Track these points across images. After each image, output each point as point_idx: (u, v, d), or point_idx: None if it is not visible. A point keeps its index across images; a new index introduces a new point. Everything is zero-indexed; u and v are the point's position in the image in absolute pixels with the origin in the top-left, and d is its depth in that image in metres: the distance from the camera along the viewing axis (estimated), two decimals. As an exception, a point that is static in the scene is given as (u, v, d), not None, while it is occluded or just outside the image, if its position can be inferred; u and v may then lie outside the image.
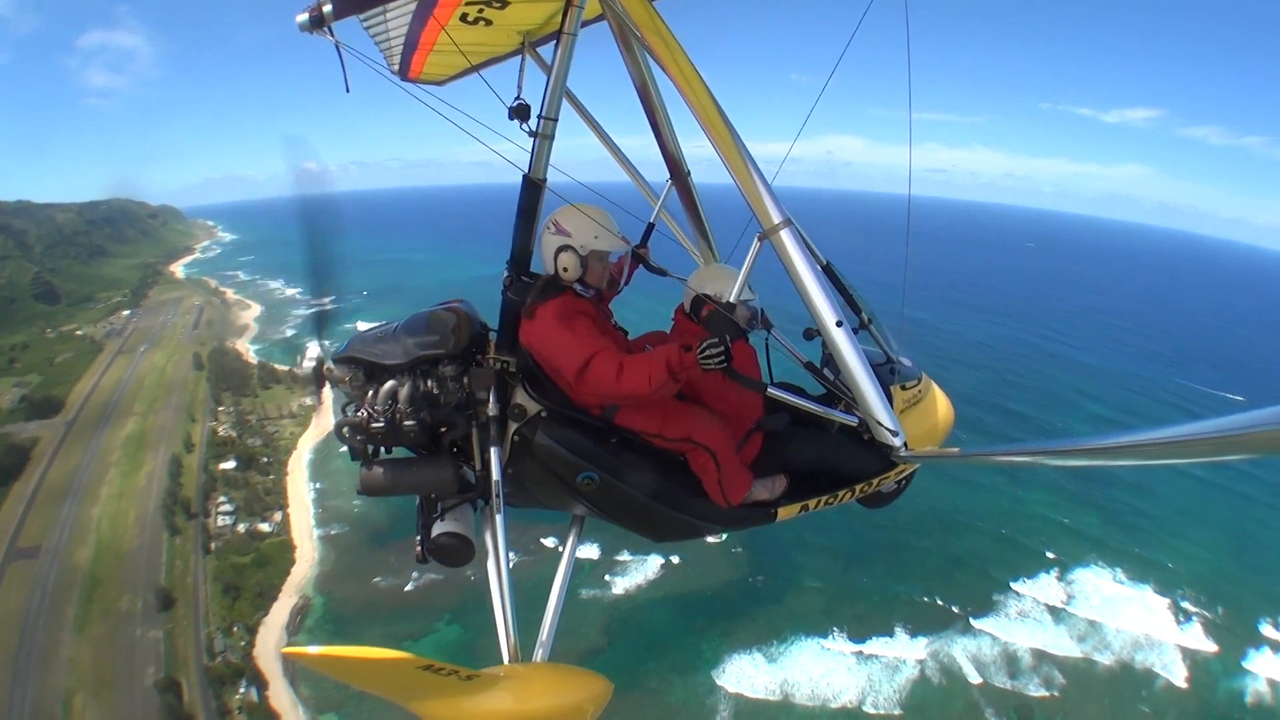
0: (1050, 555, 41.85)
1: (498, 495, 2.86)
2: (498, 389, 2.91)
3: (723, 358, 2.57)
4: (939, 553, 41.09)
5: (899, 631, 36.19)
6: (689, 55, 2.67)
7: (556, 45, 2.79)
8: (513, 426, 2.94)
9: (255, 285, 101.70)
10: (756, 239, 2.73)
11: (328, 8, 2.49)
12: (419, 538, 3.04)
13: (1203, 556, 42.99)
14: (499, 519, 2.89)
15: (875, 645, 35.35)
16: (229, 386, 58.66)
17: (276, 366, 62.99)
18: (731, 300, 2.92)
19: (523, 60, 3.60)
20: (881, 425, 2.84)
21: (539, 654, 2.81)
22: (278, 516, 43.65)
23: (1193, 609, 39.11)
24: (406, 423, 2.76)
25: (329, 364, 2.95)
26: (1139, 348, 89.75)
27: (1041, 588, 39.76)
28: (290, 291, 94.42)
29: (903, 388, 3.28)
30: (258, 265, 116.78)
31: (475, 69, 3.71)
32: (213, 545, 42.74)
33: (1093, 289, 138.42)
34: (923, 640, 35.83)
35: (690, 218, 4.19)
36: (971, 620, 36.96)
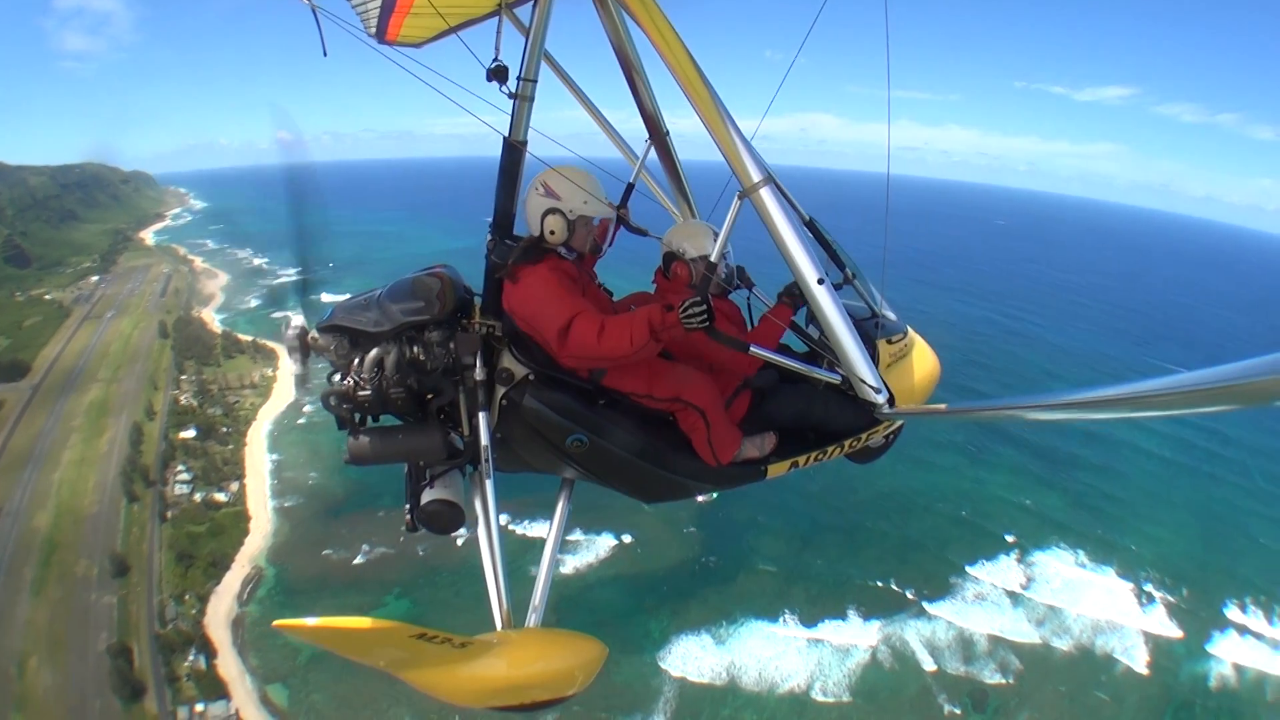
0: (1010, 539, 42.44)
1: (487, 460, 2.92)
2: (484, 353, 2.96)
3: (705, 317, 2.65)
4: (895, 535, 41.76)
5: (851, 615, 36.89)
6: (666, 14, 2.71)
7: (534, 6, 2.84)
8: (500, 391, 2.99)
9: (223, 254, 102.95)
10: (737, 197, 2.76)
11: None
12: (408, 505, 3.07)
13: (1167, 539, 43.60)
14: (488, 484, 2.95)
15: (827, 629, 36.08)
16: (193, 355, 59.63)
17: (240, 336, 64.01)
18: (712, 259, 2.94)
19: (500, 22, 3.56)
20: (865, 383, 2.93)
21: (531, 619, 2.88)
22: (234, 487, 44.85)
23: (1156, 592, 39.89)
24: (393, 390, 2.81)
25: (313, 333, 2.99)
26: (1108, 326, 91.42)
27: (1000, 571, 40.47)
28: (258, 261, 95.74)
29: (888, 342, 3.36)
30: (227, 234, 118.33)
31: (452, 30, 3.76)
32: (169, 514, 44.04)
33: (1062, 267, 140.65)
34: (875, 624, 36.54)
35: (670, 178, 4.27)
36: (926, 605, 37.66)
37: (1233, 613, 39.13)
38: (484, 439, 2.91)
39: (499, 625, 2.77)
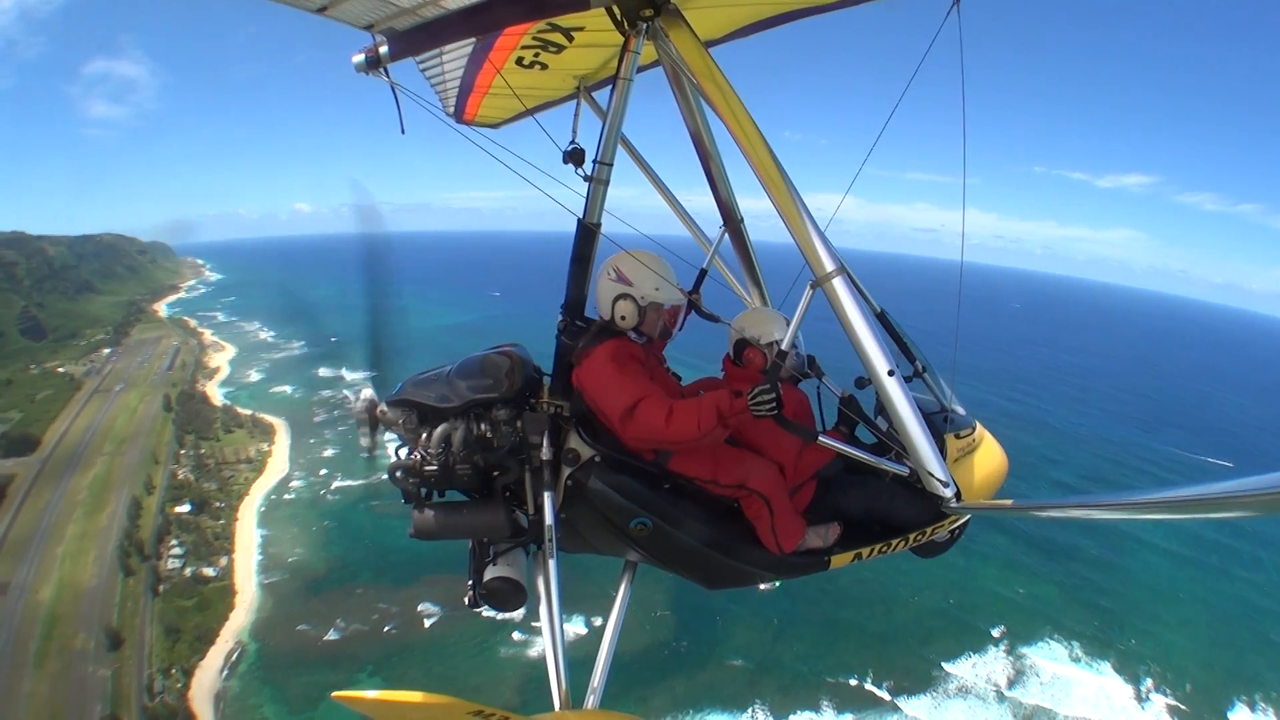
0: (997, 632, 45.23)
1: (551, 540, 3.31)
2: (551, 433, 3.36)
3: (774, 404, 2.97)
4: (876, 626, 44.95)
5: (825, 709, 40.08)
6: (744, 102, 3.06)
7: (612, 90, 3.27)
8: (566, 471, 3.40)
9: (233, 327, 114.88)
10: (809, 286, 3.07)
11: (384, 49, 3.05)
12: (470, 581, 3.54)
13: (1170, 636, 45.83)
14: (552, 564, 3.35)
15: None
16: (193, 429, 67.69)
17: (240, 410, 72.72)
18: (784, 347, 3.26)
19: (578, 105, 4.27)
20: (932, 475, 3.22)
21: (590, 701, 3.30)
22: (223, 561, 51.28)
23: (1156, 693, 41.86)
24: (460, 466, 3.24)
25: (382, 406, 3.46)
26: (1114, 411, 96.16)
27: (986, 666, 43.06)
28: (264, 335, 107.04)
29: (956, 436, 3.66)
30: (238, 306, 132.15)
31: (530, 112, 4.40)
32: (161, 588, 50.48)
33: (1073, 350, 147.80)
34: (848, 718, 39.90)
35: (743, 265, 4.80)
36: (904, 700, 40.30)
37: (1240, 714, 40.95)
38: (549, 519, 3.32)
39: (557, 705, 3.18)
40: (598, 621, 44.14)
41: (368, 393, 3.53)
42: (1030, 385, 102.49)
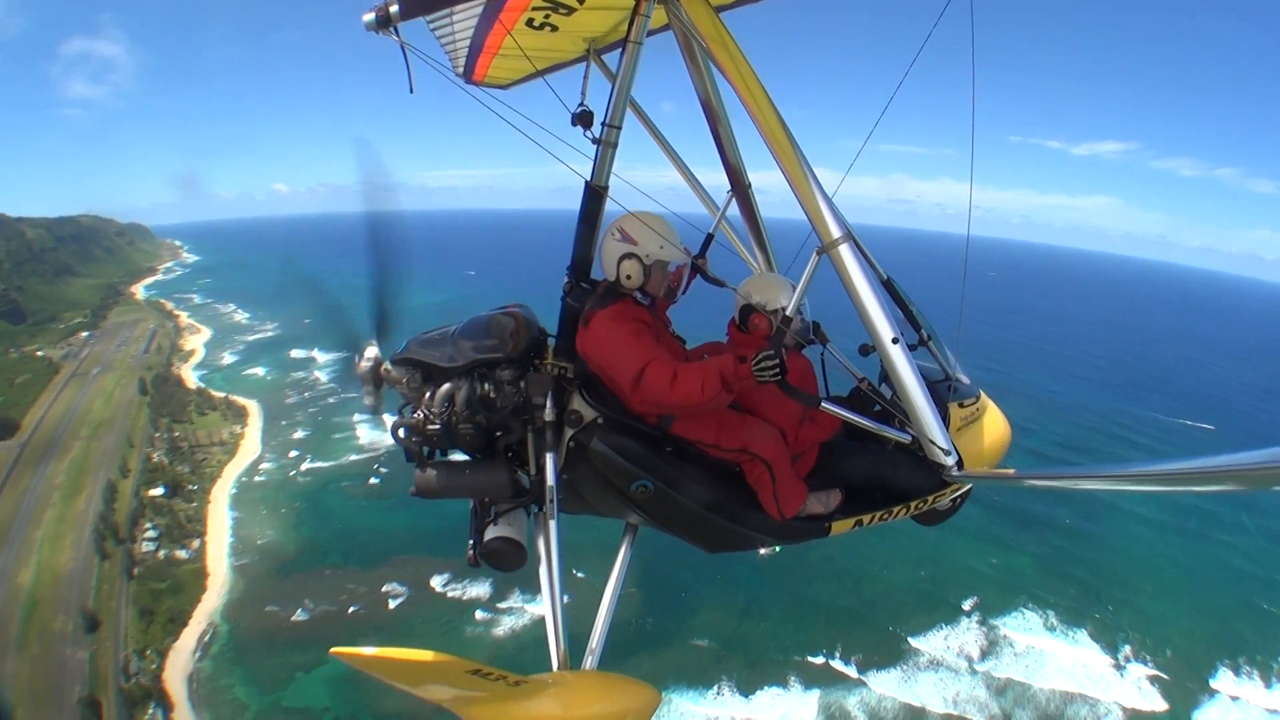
0: (969, 604, 46.38)
1: (552, 501, 3.41)
2: (555, 394, 3.47)
3: (777, 370, 3.09)
4: (845, 600, 46.11)
5: (793, 686, 41.18)
6: (753, 68, 3.16)
7: (622, 53, 3.38)
8: (569, 432, 3.50)
9: (208, 309, 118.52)
10: (816, 253, 3.16)
11: (394, 8, 3.05)
12: (471, 541, 3.62)
13: (1149, 604, 46.78)
14: (553, 525, 3.45)
15: (764, 699, 40.43)
16: (168, 412, 69.89)
17: (213, 393, 74.89)
18: (788, 313, 3.36)
19: (587, 67, 4.41)
20: (935, 444, 3.37)
21: (589, 661, 3.44)
22: (196, 544, 53.31)
23: (1136, 661, 42.96)
24: (462, 426, 3.36)
25: (386, 365, 3.53)
26: (1090, 378, 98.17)
27: (958, 639, 44.24)
28: (240, 317, 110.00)
29: (960, 405, 3.85)
30: (214, 288, 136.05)
31: (539, 74, 4.59)
32: (135, 571, 52.75)
33: (1048, 318, 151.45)
34: (815, 694, 40.77)
35: (750, 230, 4.95)
36: (873, 674, 41.75)
37: (1224, 680, 42.03)
38: (550, 479, 3.43)
39: (555, 665, 3.33)
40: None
41: (372, 351, 3.59)
42: (1003, 353, 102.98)
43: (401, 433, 3.45)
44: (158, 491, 58.54)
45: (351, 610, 45.80)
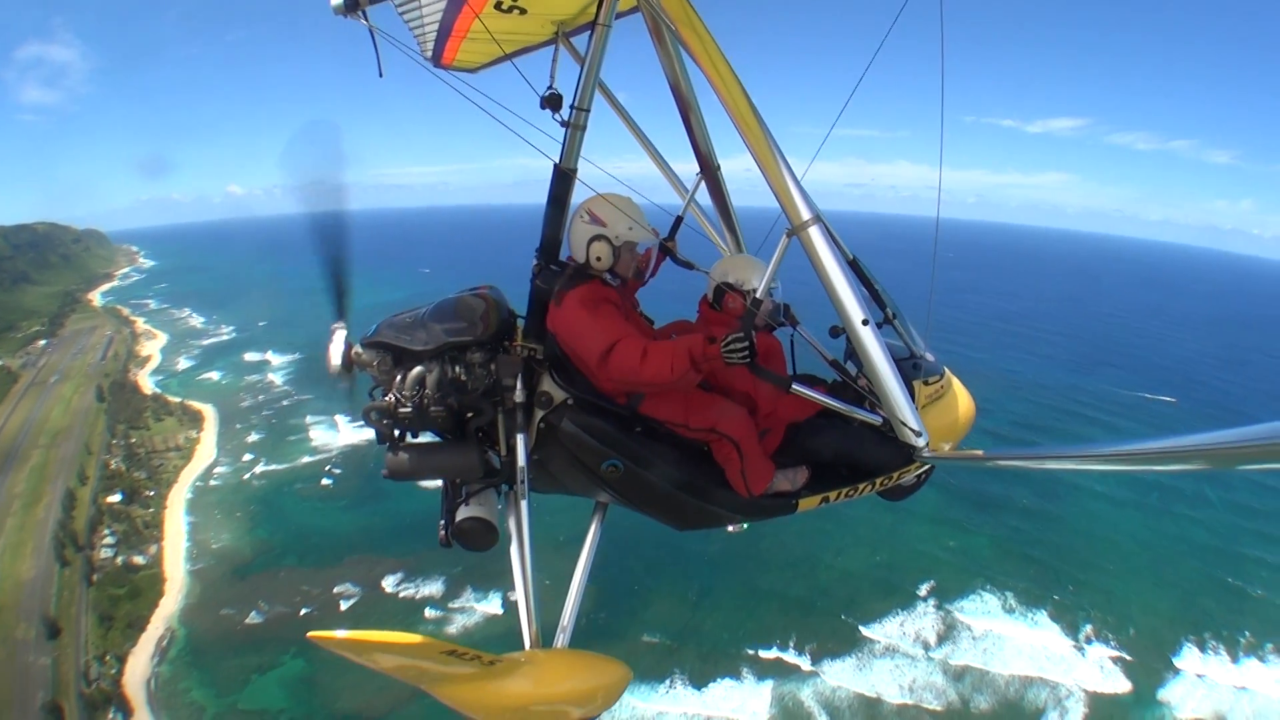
0: (925, 589, 50.06)
1: (522, 481, 3.87)
2: (525, 376, 3.94)
3: (746, 352, 3.50)
4: (798, 591, 49.83)
5: (746, 678, 44.68)
6: (722, 49, 3.48)
7: (590, 36, 3.76)
8: (539, 413, 4.00)
9: (164, 314, 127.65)
10: (785, 234, 3.54)
11: None
12: (443, 521, 4.09)
13: (1108, 583, 50.41)
14: (523, 504, 3.91)
15: (717, 692, 43.93)
16: (124, 419, 75.44)
17: (169, 398, 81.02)
18: (758, 294, 3.78)
19: (556, 50, 4.86)
20: (905, 425, 3.77)
21: (560, 639, 3.85)
22: (153, 549, 58.58)
23: (1098, 642, 46.41)
24: (433, 408, 3.79)
25: (357, 348, 3.95)
26: (1046, 355, 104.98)
27: (913, 625, 47.94)
28: (195, 321, 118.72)
29: (925, 383, 4.30)
30: (170, 293, 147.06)
31: (508, 57, 5.12)
32: (95, 577, 58.15)
33: (1004, 295, 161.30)
34: (769, 685, 44.20)
35: (719, 212, 5.63)
36: (827, 663, 45.34)
37: (1189, 657, 45.43)
38: (521, 460, 3.89)
39: (528, 644, 3.71)
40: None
41: (342, 334, 3.96)
42: (959, 333, 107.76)
43: (373, 415, 3.85)
44: (115, 498, 64.22)
45: (304, 612, 50.73)
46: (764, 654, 46.40)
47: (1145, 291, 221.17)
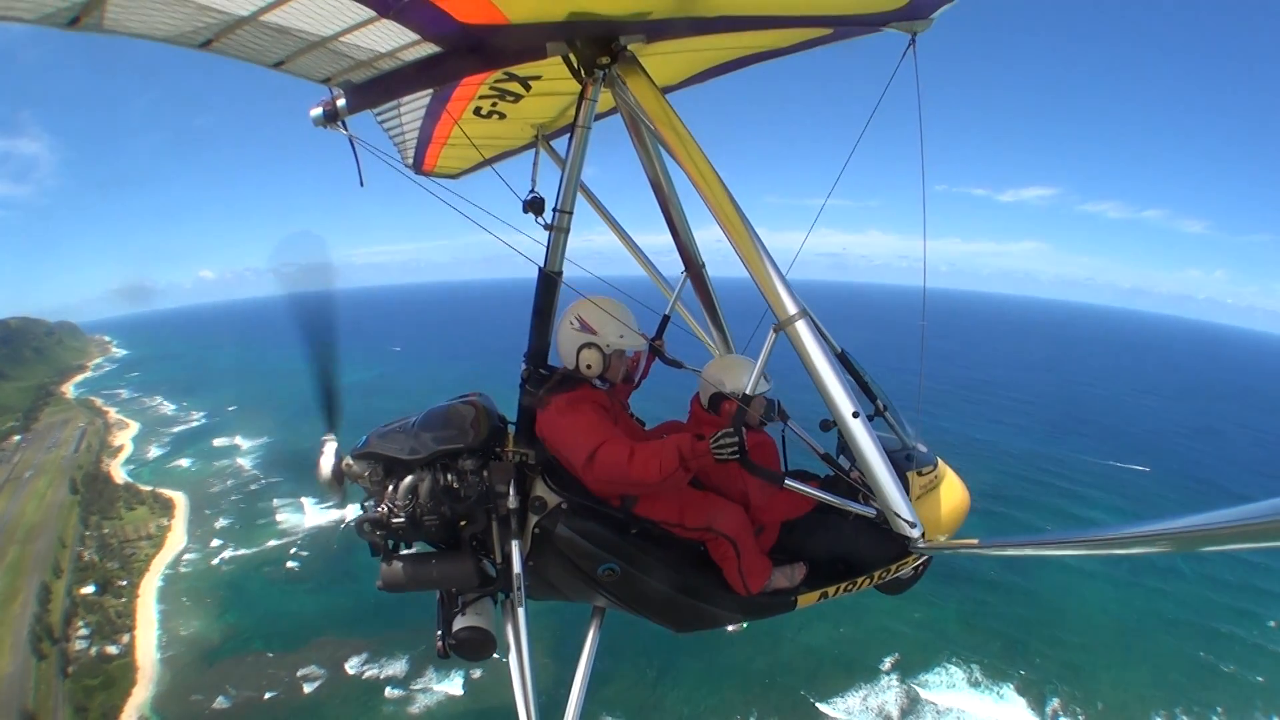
0: (889, 664, 55.87)
1: (519, 588, 4.38)
2: (517, 482, 4.44)
3: (736, 449, 3.98)
4: (759, 665, 55.61)
5: None
6: (702, 148, 3.97)
7: (570, 138, 4.28)
8: (533, 519, 4.49)
9: (136, 403, 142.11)
10: (772, 330, 4.00)
11: (341, 102, 4.04)
12: (440, 632, 4.64)
13: (1076, 657, 55.98)
14: (520, 612, 4.45)
15: None
16: (97, 510, 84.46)
17: (141, 487, 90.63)
18: (748, 392, 4.29)
19: (536, 153, 5.82)
20: (899, 517, 4.19)
21: None
22: (125, 639, 66.23)
23: (1063, 716, 51.79)
24: (427, 518, 4.27)
25: (347, 459, 4.50)
26: (1015, 424, 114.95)
27: (876, 699, 53.55)
28: (166, 408, 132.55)
29: (919, 473, 4.82)
30: (142, 381, 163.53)
31: (489, 162, 5.76)
32: (70, 669, 66.30)
33: (974, 364, 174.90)
34: None
35: (706, 310, 6.42)
36: None
37: None
38: (517, 567, 4.39)
39: None
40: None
41: (332, 446, 4.57)
42: (928, 401, 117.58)
43: (366, 527, 4.35)
44: (89, 590, 73.16)
45: (268, 696, 58.66)
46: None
47: (1117, 359, 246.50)
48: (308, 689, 58.85)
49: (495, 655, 4.80)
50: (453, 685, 57.72)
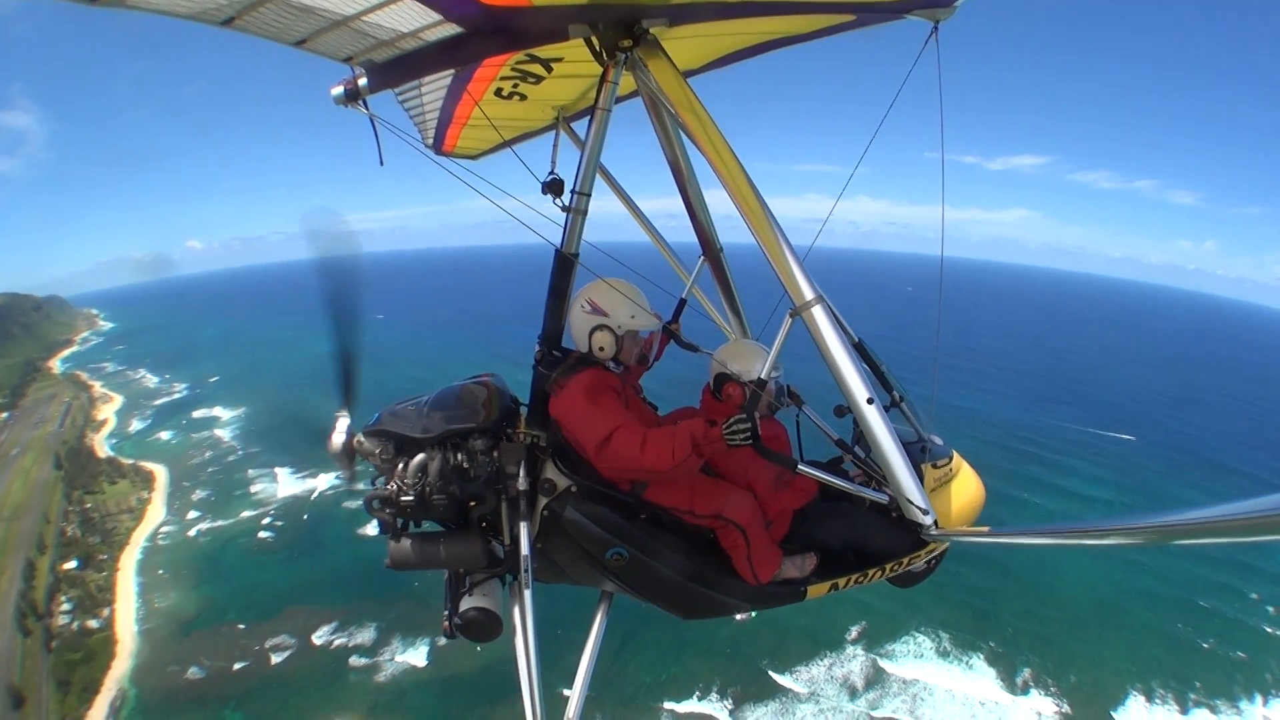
0: (855, 633, 59.74)
1: (526, 570, 4.72)
2: (528, 464, 4.81)
3: (748, 434, 4.27)
4: (725, 633, 58.96)
5: None
6: (723, 132, 4.26)
7: (590, 120, 4.72)
8: (542, 501, 4.88)
9: (121, 376, 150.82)
10: (789, 315, 4.36)
11: (363, 81, 4.33)
12: (447, 612, 5.05)
13: (1048, 629, 59.17)
14: (527, 594, 4.83)
15: None
16: (80, 484, 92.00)
17: (123, 460, 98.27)
18: (762, 377, 4.64)
19: (556, 135, 6.32)
20: (912, 504, 4.56)
21: None
22: (106, 612, 72.26)
23: (1035, 686, 54.83)
24: (436, 497, 4.64)
25: (359, 437, 4.90)
26: (1000, 392, 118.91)
27: (841, 670, 57.24)
28: (150, 381, 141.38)
29: (934, 466, 5.17)
30: (127, 355, 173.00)
31: (509, 144, 6.35)
32: (54, 644, 72.19)
33: (962, 331, 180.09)
34: None
35: (722, 294, 6.96)
36: (749, 709, 54.62)
37: (1134, 707, 53.76)
38: (525, 549, 4.74)
39: None
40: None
41: (344, 423, 4.96)
42: (913, 369, 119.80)
43: (375, 504, 4.78)
44: (71, 565, 79.39)
45: (237, 666, 64.05)
46: (685, 698, 56.10)
47: (1104, 329, 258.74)
48: (276, 659, 63.97)
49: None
50: (416, 655, 62.07)
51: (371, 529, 5.12)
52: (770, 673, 57.90)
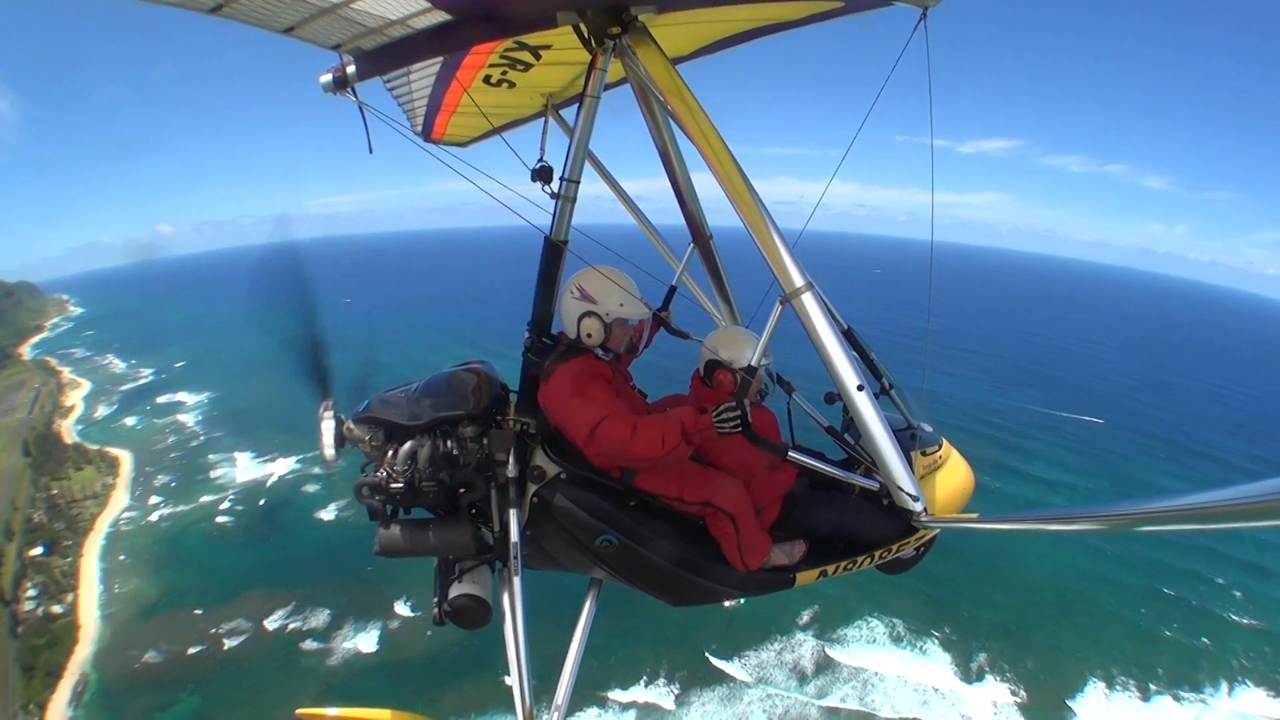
0: (806, 618, 62.84)
1: (516, 557, 5.06)
2: (517, 451, 5.15)
3: (738, 421, 4.60)
4: (674, 617, 61.79)
5: (610, 706, 57.58)
6: (711, 119, 4.58)
7: (579, 108, 4.93)
8: (532, 488, 5.23)
9: (89, 362, 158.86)
10: (779, 302, 4.66)
11: (351, 69, 4.63)
12: (436, 599, 5.43)
13: (1008, 617, 62.50)
14: (517, 581, 5.16)
15: None
16: (47, 471, 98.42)
17: (88, 446, 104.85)
18: (752, 363, 5.01)
19: (545, 122, 6.68)
20: (902, 490, 4.90)
21: (554, 718, 5.14)
22: (69, 597, 77.95)
23: (990, 672, 57.41)
24: (425, 484, 4.95)
25: (348, 423, 5.23)
26: (964, 375, 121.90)
27: (792, 656, 60.08)
28: (117, 366, 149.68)
29: (923, 453, 5.65)
30: (96, 340, 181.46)
31: (498, 131, 6.83)
32: (19, 629, 78.07)
33: (924, 313, 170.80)
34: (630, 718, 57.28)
35: (712, 281, 7.45)
36: (697, 694, 56.95)
37: (1093, 693, 56.45)
38: (514, 536, 5.09)
39: None
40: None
41: (331, 412, 5.27)
42: (879, 350, 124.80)
43: (364, 491, 5.07)
44: (38, 551, 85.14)
45: (192, 651, 68.60)
46: (631, 683, 59.07)
47: (1073, 311, 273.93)
48: (229, 644, 68.57)
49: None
50: (367, 641, 66.36)
51: (327, 514, 6.43)
52: (716, 660, 60.88)
